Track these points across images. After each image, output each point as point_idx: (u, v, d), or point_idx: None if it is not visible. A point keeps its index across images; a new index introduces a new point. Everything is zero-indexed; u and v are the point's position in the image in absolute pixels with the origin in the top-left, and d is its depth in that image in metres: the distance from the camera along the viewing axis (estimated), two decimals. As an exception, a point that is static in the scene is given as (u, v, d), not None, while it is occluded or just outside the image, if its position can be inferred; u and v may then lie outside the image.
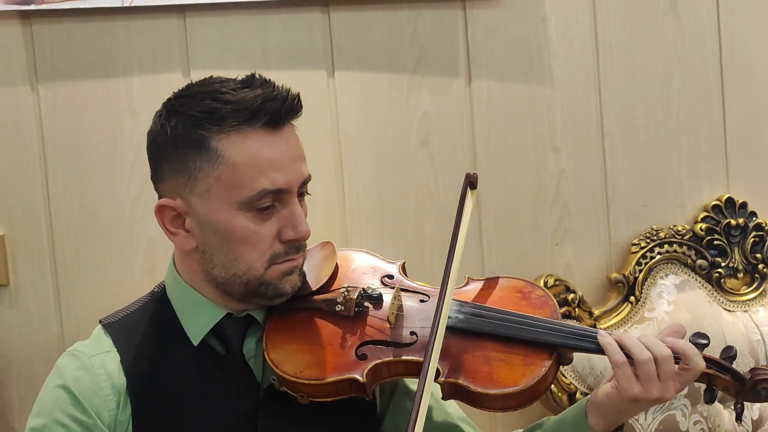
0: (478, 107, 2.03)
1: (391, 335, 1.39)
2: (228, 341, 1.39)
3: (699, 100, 2.14)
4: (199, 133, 1.31)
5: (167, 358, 1.37)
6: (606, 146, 2.10)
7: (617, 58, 2.10)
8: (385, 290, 1.44)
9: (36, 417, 1.33)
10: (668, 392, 1.32)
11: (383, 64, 1.97)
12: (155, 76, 1.86)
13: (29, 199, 1.83)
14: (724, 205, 2.13)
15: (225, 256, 1.34)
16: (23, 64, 1.82)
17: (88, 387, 1.33)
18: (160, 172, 1.39)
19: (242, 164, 1.31)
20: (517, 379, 1.34)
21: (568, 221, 2.09)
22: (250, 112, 1.31)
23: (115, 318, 1.43)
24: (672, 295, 2.05)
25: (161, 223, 1.38)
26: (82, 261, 1.85)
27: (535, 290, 1.49)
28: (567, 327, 1.40)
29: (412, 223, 2.00)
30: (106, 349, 1.38)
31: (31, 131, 1.83)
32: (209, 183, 1.32)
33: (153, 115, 1.81)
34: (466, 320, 1.40)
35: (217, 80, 1.38)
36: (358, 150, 1.97)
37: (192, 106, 1.33)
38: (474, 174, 1.49)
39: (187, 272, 1.40)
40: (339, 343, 1.38)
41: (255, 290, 1.36)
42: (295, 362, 1.35)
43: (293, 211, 1.35)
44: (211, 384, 1.37)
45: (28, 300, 1.83)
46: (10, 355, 1.82)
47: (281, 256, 1.35)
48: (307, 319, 1.41)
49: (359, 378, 1.34)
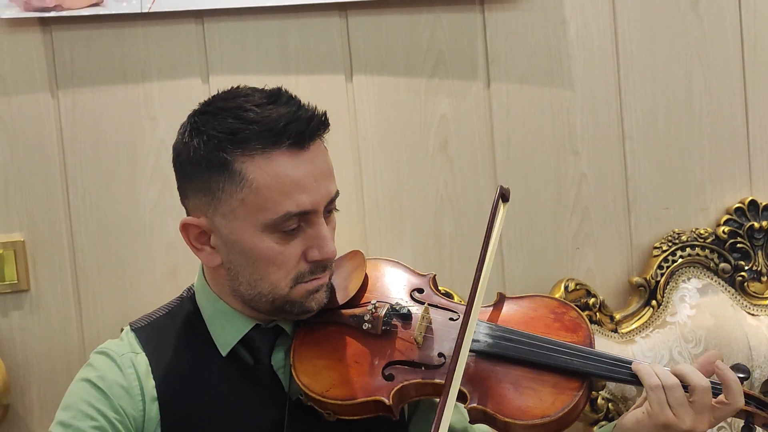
0: (498, 111, 2.02)
1: (418, 356, 1.36)
2: (257, 352, 1.38)
3: (721, 102, 2.12)
4: (222, 155, 1.28)
5: (196, 366, 1.37)
6: (627, 149, 2.09)
7: (637, 60, 2.08)
8: (414, 306, 1.41)
9: (64, 410, 1.33)
10: (701, 424, 1.29)
11: (401, 68, 1.96)
12: (174, 81, 1.87)
13: (49, 204, 1.84)
14: (747, 208, 2.10)
15: (250, 275, 1.33)
16: (43, 71, 1.83)
17: (117, 384, 1.33)
18: (184, 190, 1.36)
19: (266, 187, 1.28)
20: (547, 408, 1.30)
21: (589, 225, 2.07)
22: (273, 135, 1.27)
23: (145, 322, 1.42)
24: (694, 299, 2.03)
25: (187, 240, 1.36)
26: (102, 266, 1.85)
27: (568, 311, 1.44)
28: (598, 355, 1.36)
29: (431, 226, 1.99)
30: (137, 350, 1.37)
31: (51, 137, 1.84)
32: (233, 204, 1.29)
33: (172, 122, 1.83)
34: (495, 344, 1.36)
35: (241, 93, 1.34)
36: (377, 154, 1.96)
37: (214, 125, 1.29)
38: (506, 188, 1.45)
39: (215, 284, 1.39)
40: (366, 363, 1.35)
41: (281, 307, 1.35)
42: (322, 380, 1.33)
43: (319, 231, 1.32)
44: (239, 394, 1.36)
45: (48, 305, 1.84)
46: (31, 360, 1.83)
47: (307, 275, 1.33)
48: (335, 334, 1.38)
49: (385, 400, 1.31)
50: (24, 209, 1.83)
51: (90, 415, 1.30)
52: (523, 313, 1.43)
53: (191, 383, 1.35)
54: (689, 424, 1.28)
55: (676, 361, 1.95)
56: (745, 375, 1.34)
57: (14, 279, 1.82)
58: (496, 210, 1.42)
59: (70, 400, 1.33)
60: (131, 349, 1.37)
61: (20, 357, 1.82)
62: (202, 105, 1.36)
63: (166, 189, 1.85)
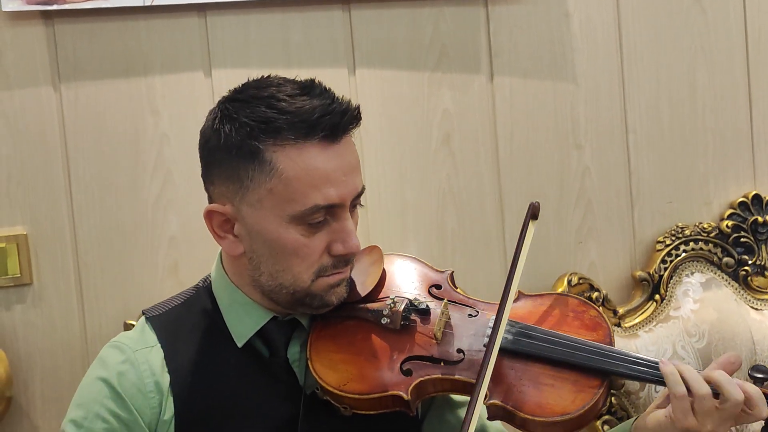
0: (501, 104, 2.01)
1: (437, 351, 1.35)
2: (273, 345, 1.37)
3: (725, 96, 2.12)
4: (254, 144, 1.27)
5: (211, 357, 1.36)
6: (630, 143, 2.08)
7: (641, 54, 2.08)
8: (432, 302, 1.40)
9: (76, 408, 1.33)
10: (723, 429, 1.28)
11: (404, 62, 1.96)
12: (176, 75, 1.86)
13: (52, 198, 1.84)
14: (750, 202, 2.10)
15: (272, 266, 1.32)
16: (45, 64, 1.83)
17: (131, 383, 1.32)
18: (211, 176, 1.35)
19: (296, 178, 1.27)
20: (567, 406, 1.30)
21: (592, 219, 2.07)
22: (307, 126, 1.27)
23: (159, 311, 1.41)
24: (698, 294, 2.02)
25: (210, 227, 1.35)
26: (105, 260, 1.85)
27: (588, 310, 1.43)
28: (621, 353, 1.35)
29: (434, 220, 1.99)
30: (151, 344, 1.36)
31: (54, 131, 1.84)
32: (261, 194, 1.29)
33: (174, 115, 1.84)
34: (515, 341, 1.35)
35: (273, 83, 1.33)
36: (380, 148, 1.96)
37: (247, 113, 1.28)
38: (537, 204, 1.42)
39: (234, 273, 1.38)
40: (384, 357, 1.34)
41: (301, 300, 1.34)
42: (339, 374, 1.33)
43: (344, 225, 1.31)
44: (254, 386, 1.35)
45: (51, 299, 1.84)
46: (34, 354, 1.83)
47: (329, 269, 1.33)
48: (353, 328, 1.38)
49: (403, 395, 1.30)
50: (26, 203, 1.83)
51: (103, 417, 1.30)
52: (542, 311, 1.42)
53: (206, 374, 1.35)
54: (710, 429, 1.27)
55: (680, 356, 1.95)
56: (766, 376, 1.33)
57: (17, 272, 1.82)
58: (526, 227, 1.40)
59: (83, 399, 1.33)
60: (145, 344, 1.36)
61: (23, 350, 1.82)
62: (232, 92, 1.35)
63: (169, 183, 1.85)
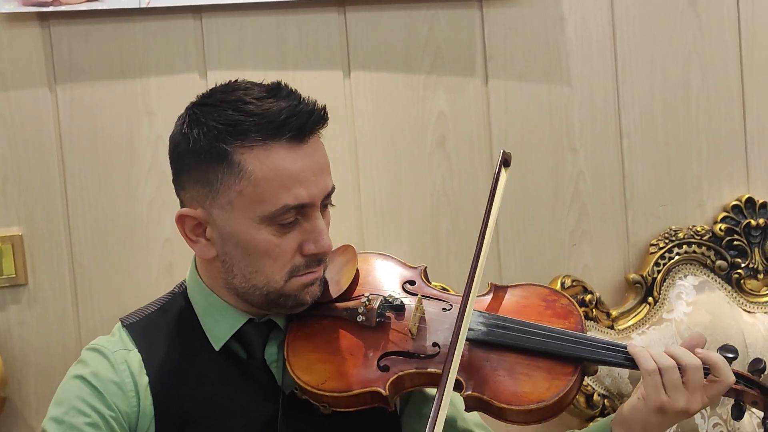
0: (495, 107, 2.02)
1: (413, 346, 1.37)
2: (250, 347, 1.39)
3: (719, 100, 2.12)
4: (222, 146, 1.29)
5: (189, 360, 1.37)
6: (624, 146, 2.09)
7: (635, 57, 2.08)
8: (407, 298, 1.42)
9: (56, 406, 1.33)
10: (695, 404, 1.30)
11: (399, 64, 1.97)
12: (172, 77, 1.87)
13: (47, 199, 1.84)
14: (744, 206, 2.11)
15: (245, 268, 1.33)
16: (41, 66, 1.83)
17: (110, 381, 1.33)
18: (181, 181, 1.37)
19: (265, 179, 1.29)
20: (542, 394, 1.32)
21: (586, 222, 2.07)
22: (274, 127, 1.28)
23: (136, 318, 1.42)
24: (691, 296, 2.03)
25: (182, 231, 1.36)
26: (100, 261, 1.86)
27: (559, 299, 1.46)
28: (593, 340, 1.37)
29: (428, 223, 2.00)
30: (129, 347, 1.37)
31: (49, 132, 1.84)
32: (231, 196, 1.30)
33: (170, 117, 1.83)
34: (488, 332, 1.37)
35: (240, 87, 1.35)
36: (374, 150, 1.96)
37: (215, 117, 1.30)
38: (508, 152, 1.46)
39: (208, 277, 1.40)
40: (361, 354, 1.36)
41: (275, 300, 1.35)
42: (316, 373, 1.34)
43: (315, 225, 1.33)
44: (233, 388, 1.36)
45: (45, 299, 1.84)
46: (28, 354, 1.83)
47: (302, 268, 1.34)
48: (329, 327, 1.39)
49: (381, 391, 1.32)
50: (22, 203, 1.83)
51: (84, 412, 1.30)
52: (515, 302, 1.45)
53: (185, 378, 1.36)
54: (683, 405, 1.30)
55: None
56: (734, 355, 1.37)
57: (12, 273, 1.82)
58: (498, 175, 1.43)
59: (62, 396, 1.33)
60: (123, 346, 1.38)
61: (17, 350, 1.83)
62: (200, 97, 1.37)
63: (164, 184, 1.85)
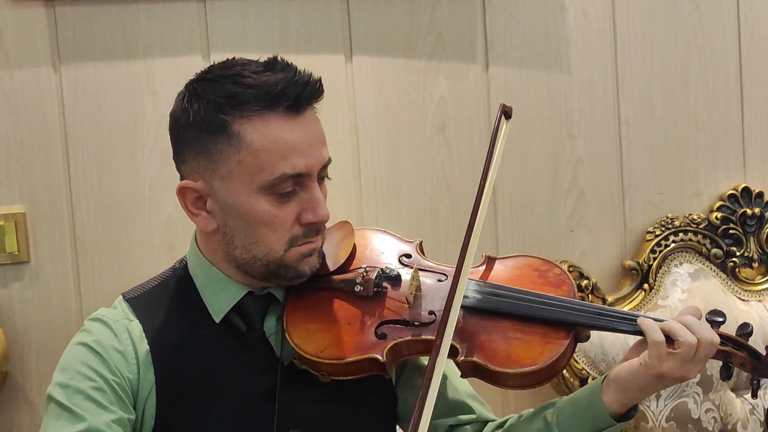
0: (495, 94, 2.04)
1: (410, 315, 1.40)
2: (249, 319, 1.41)
3: (717, 90, 2.14)
4: (221, 117, 1.32)
5: (190, 332, 1.39)
6: (623, 134, 2.11)
7: (635, 46, 2.10)
8: (403, 270, 1.45)
9: (61, 372, 1.35)
10: (691, 372, 1.34)
11: (401, 50, 1.98)
12: (175, 58, 1.89)
13: (50, 177, 1.86)
14: (740, 195, 2.13)
15: (245, 239, 1.36)
16: (46, 46, 1.85)
17: (112, 348, 1.35)
18: (182, 154, 1.40)
19: (263, 149, 1.31)
20: (535, 357, 1.35)
21: (584, 209, 2.09)
22: (271, 97, 1.31)
23: (137, 293, 1.44)
24: (686, 284, 2.05)
25: (183, 204, 1.39)
26: (102, 239, 1.87)
27: (552, 268, 1.49)
28: (584, 305, 1.41)
29: (428, 207, 2.01)
30: (130, 318, 1.40)
31: (53, 111, 1.86)
32: (231, 167, 1.33)
33: (173, 97, 1.85)
34: (483, 299, 1.40)
35: (238, 62, 1.38)
36: (375, 134, 1.98)
37: (214, 90, 1.34)
38: (509, 105, 1.47)
39: (208, 251, 1.42)
40: (358, 323, 1.39)
41: (275, 271, 1.38)
42: (315, 342, 1.37)
43: (313, 194, 1.35)
44: (233, 360, 1.39)
45: (48, 277, 1.86)
46: (30, 331, 1.85)
47: (300, 238, 1.37)
48: (327, 298, 1.42)
49: (379, 357, 1.35)
50: (25, 181, 1.85)
51: (88, 376, 1.32)
52: (508, 272, 1.48)
53: (185, 349, 1.38)
54: (680, 372, 1.33)
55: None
56: (723, 319, 1.41)
57: (14, 250, 1.84)
58: (498, 127, 1.45)
59: (67, 363, 1.35)
60: (125, 316, 1.40)
61: (19, 326, 1.85)
62: (199, 74, 1.40)
63: (166, 164, 1.87)
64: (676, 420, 1.98)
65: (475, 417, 1.52)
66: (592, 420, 1.38)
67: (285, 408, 1.37)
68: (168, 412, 1.35)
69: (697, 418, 1.99)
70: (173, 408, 1.35)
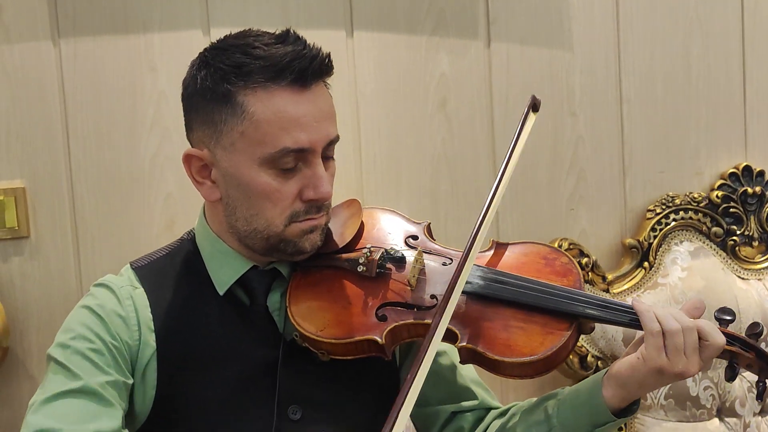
0: (497, 70, 2.03)
1: (411, 298, 1.38)
2: (253, 293, 1.41)
3: (719, 68, 2.13)
4: (226, 86, 1.31)
5: (194, 303, 1.40)
6: (624, 112, 2.10)
7: (637, 23, 2.09)
8: (408, 251, 1.43)
9: (62, 333, 1.36)
10: (692, 367, 1.31)
11: (402, 25, 1.97)
12: (175, 33, 1.88)
13: (50, 153, 1.85)
14: (741, 174, 2.12)
15: (246, 210, 1.35)
16: (45, 20, 1.83)
17: (114, 313, 1.36)
18: (189, 122, 1.40)
19: (266, 121, 1.30)
20: (535, 348, 1.33)
21: (584, 186, 2.09)
22: (277, 69, 1.30)
23: (145, 262, 1.45)
24: (686, 262, 2.05)
25: (189, 172, 1.39)
26: (102, 215, 1.87)
27: (559, 257, 1.46)
28: (589, 296, 1.38)
29: (428, 184, 2.01)
30: (135, 285, 1.40)
31: (53, 86, 1.85)
32: (234, 137, 1.32)
33: (172, 73, 1.85)
34: (486, 286, 1.39)
35: (252, 33, 1.37)
36: (376, 111, 1.97)
37: (222, 59, 1.33)
38: (539, 98, 1.46)
39: (214, 222, 1.42)
40: (360, 304, 1.38)
41: (275, 246, 1.37)
42: (316, 320, 1.36)
43: (316, 171, 1.34)
44: (235, 333, 1.39)
45: (47, 252, 1.86)
46: (30, 305, 1.86)
47: (301, 214, 1.36)
48: (331, 277, 1.41)
49: (378, 339, 1.34)
50: (25, 157, 1.85)
51: (88, 338, 1.33)
52: (515, 258, 1.46)
53: (188, 319, 1.38)
54: (681, 368, 1.31)
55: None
56: (731, 317, 1.37)
57: (14, 225, 1.84)
58: (525, 119, 1.43)
59: (69, 324, 1.36)
60: (130, 283, 1.40)
61: (20, 301, 1.85)
62: (214, 42, 1.39)
63: (166, 140, 1.87)
64: (675, 398, 1.99)
65: (477, 403, 1.52)
66: (592, 414, 1.36)
67: (285, 383, 1.37)
68: (168, 382, 1.36)
69: (696, 395, 1.99)
70: (174, 378, 1.36)
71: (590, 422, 1.36)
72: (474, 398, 1.52)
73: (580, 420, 1.37)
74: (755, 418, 2.04)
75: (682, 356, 1.31)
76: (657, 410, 1.99)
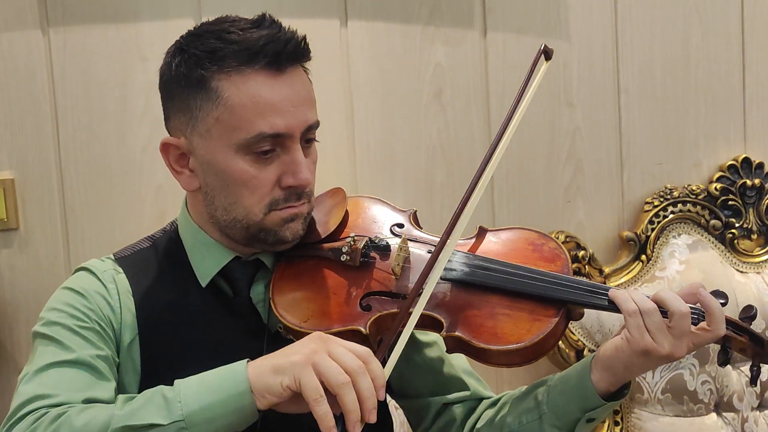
0: (493, 60, 2.00)
1: (396, 286, 1.36)
2: (236, 284, 1.39)
3: (718, 59, 2.11)
4: (200, 72, 1.30)
5: (176, 294, 1.38)
6: (622, 103, 2.08)
7: (636, 13, 2.06)
8: (393, 240, 1.41)
9: (46, 311, 1.34)
10: (680, 349, 1.28)
11: (397, 15, 1.95)
12: (166, 22, 1.85)
13: (40, 143, 1.83)
14: (740, 166, 2.10)
15: (225, 199, 1.33)
16: (34, 8, 1.81)
17: (96, 293, 1.35)
18: (166, 110, 1.38)
19: (241, 106, 1.28)
20: (522, 335, 1.30)
21: (581, 178, 2.07)
22: (250, 53, 1.29)
23: (128, 252, 1.43)
24: (684, 255, 2.03)
25: (167, 162, 1.37)
26: (92, 206, 1.85)
27: (547, 242, 1.43)
28: (576, 282, 1.35)
29: (422, 175, 1.99)
30: (118, 270, 1.39)
31: (42, 75, 1.82)
32: (209, 123, 1.30)
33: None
34: (471, 273, 1.36)
35: (228, 20, 1.36)
36: (370, 100, 1.95)
37: (197, 45, 1.32)
38: (551, 47, 1.42)
39: (195, 212, 1.40)
40: (344, 294, 1.36)
41: (256, 235, 1.35)
42: (299, 311, 1.34)
43: (294, 157, 1.32)
44: (218, 325, 1.37)
45: (37, 244, 1.84)
46: (19, 298, 1.83)
47: (281, 202, 1.33)
48: (314, 267, 1.39)
49: (362, 329, 1.31)
50: (14, 147, 1.82)
51: (75, 315, 1.31)
52: (501, 245, 1.43)
53: (170, 310, 1.36)
54: (668, 349, 1.28)
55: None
56: (725, 300, 1.34)
57: (3, 217, 1.81)
58: (534, 66, 1.39)
59: (53, 304, 1.35)
60: (113, 267, 1.39)
61: (8, 294, 1.83)
62: (191, 29, 1.38)
63: (157, 130, 1.84)
64: (672, 392, 1.97)
65: (469, 394, 1.50)
66: (581, 399, 1.34)
67: None
68: (153, 369, 1.34)
69: (693, 390, 1.97)
70: (158, 365, 1.34)
71: (580, 407, 1.34)
72: (465, 389, 1.50)
73: (570, 405, 1.35)
74: (753, 412, 2.03)
75: (668, 337, 1.28)
76: (654, 405, 1.97)
